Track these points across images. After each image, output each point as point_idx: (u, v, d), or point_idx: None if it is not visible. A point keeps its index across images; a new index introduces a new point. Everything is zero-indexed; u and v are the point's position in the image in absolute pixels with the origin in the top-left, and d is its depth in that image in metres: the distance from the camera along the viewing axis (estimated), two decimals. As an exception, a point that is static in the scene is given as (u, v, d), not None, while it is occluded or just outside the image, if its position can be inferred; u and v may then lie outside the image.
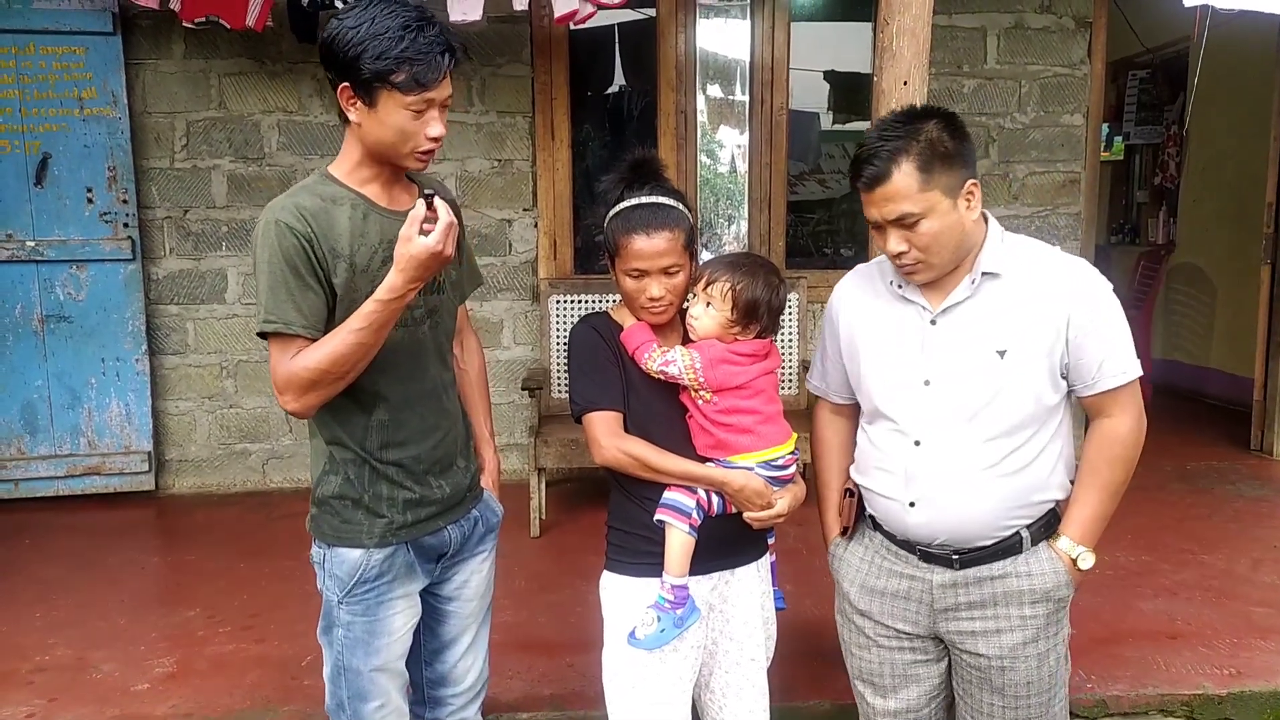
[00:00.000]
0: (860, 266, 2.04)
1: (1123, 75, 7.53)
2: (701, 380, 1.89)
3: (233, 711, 2.69)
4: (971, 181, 1.74)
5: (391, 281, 1.69)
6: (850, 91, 6.32)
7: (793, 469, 2.00)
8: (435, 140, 1.78)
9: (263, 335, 1.76)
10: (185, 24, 4.03)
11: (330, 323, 1.76)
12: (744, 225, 5.65)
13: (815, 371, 2.12)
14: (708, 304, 1.93)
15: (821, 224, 7.61)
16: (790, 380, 4.64)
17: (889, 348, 1.87)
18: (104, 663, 2.98)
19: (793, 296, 4.62)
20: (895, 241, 1.75)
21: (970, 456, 1.80)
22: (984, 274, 1.79)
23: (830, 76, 6.46)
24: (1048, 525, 1.86)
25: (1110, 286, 1.81)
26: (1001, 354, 1.76)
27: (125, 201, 4.53)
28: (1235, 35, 5.01)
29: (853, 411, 2.04)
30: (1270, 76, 5.27)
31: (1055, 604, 1.85)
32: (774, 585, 2.13)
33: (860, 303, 1.96)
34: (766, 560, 2.10)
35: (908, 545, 1.91)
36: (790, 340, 4.65)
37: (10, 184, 4.42)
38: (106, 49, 4.42)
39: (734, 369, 1.90)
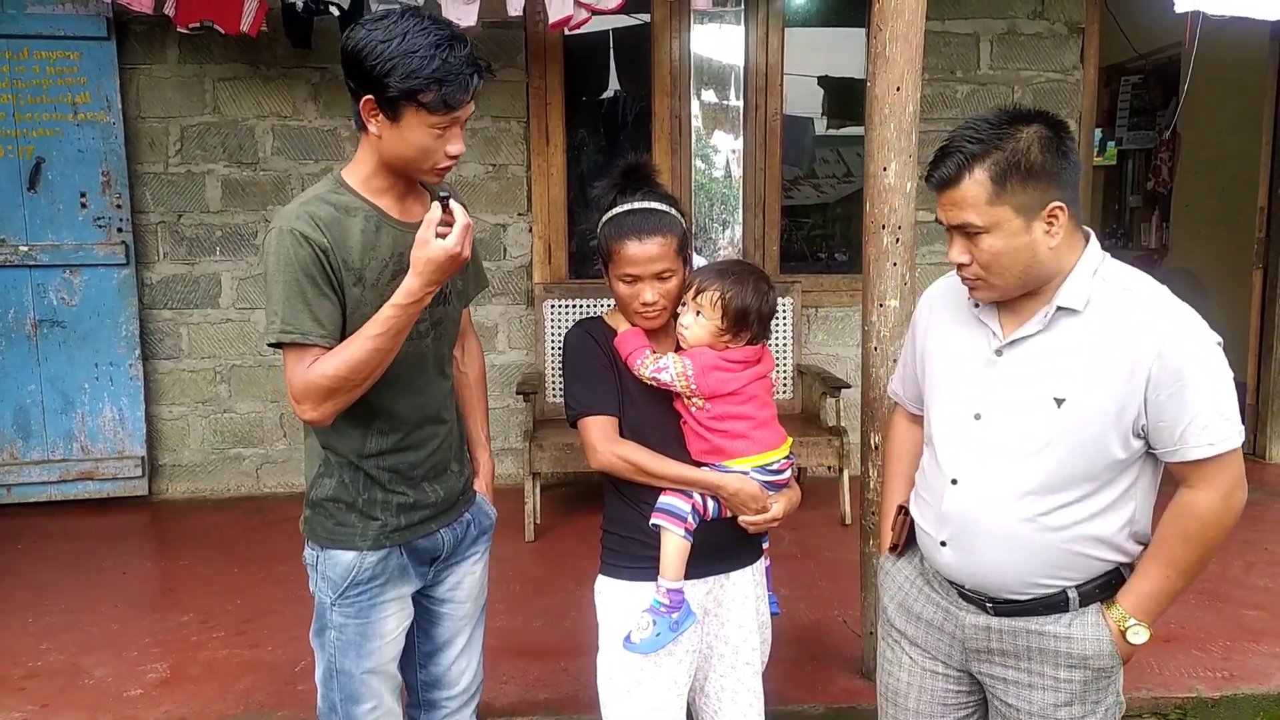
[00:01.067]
0: (952, 274, 1.81)
1: (1115, 80, 7.57)
2: (693, 387, 1.89)
3: (226, 717, 2.68)
4: (1057, 205, 1.54)
5: (409, 285, 1.69)
6: (844, 97, 6.34)
7: (788, 474, 2.00)
8: (454, 158, 1.77)
9: (276, 345, 1.74)
10: (180, 29, 4.03)
11: (343, 334, 1.76)
12: (738, 230, 5.66)
13: (896, 377, 2.02)
14: (697, 313, 1.93)
15: (816, 228, 7.62)
16: (784, 385, 4.64)
17: (952, 372, 1.73)
18: (97, 668, 2.97)
19: (787, 301, 4.62)
20: (958, 251, 1.61)
21: (1008, 505, 1.62)
22: (1060, 309, 1.59)
23: (824, 82, 6.47)
24: (1105, 587, 1.66)
25: (1213, 339, 1.56)
26: (1059, 402, 1.57)
27: (119, 206, 4.52)
28: (1227, 40, 5.03)
29: None
30: (1262, 80, 5.30)
31: (1095, 673, 1.66)
32: (768, 590, 2.13)
33: (940, 316, 1.81)
34: (762, 564, 2.09)
35: (948, 580, 1.78)
36: (784, 345, 4.66)
37: (3, 188, 4.41)
38: (101, 54, 4.42)
39: (726, 375, 1.90)
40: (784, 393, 4.63)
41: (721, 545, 1.97)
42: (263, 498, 4.79)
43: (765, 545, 2.11)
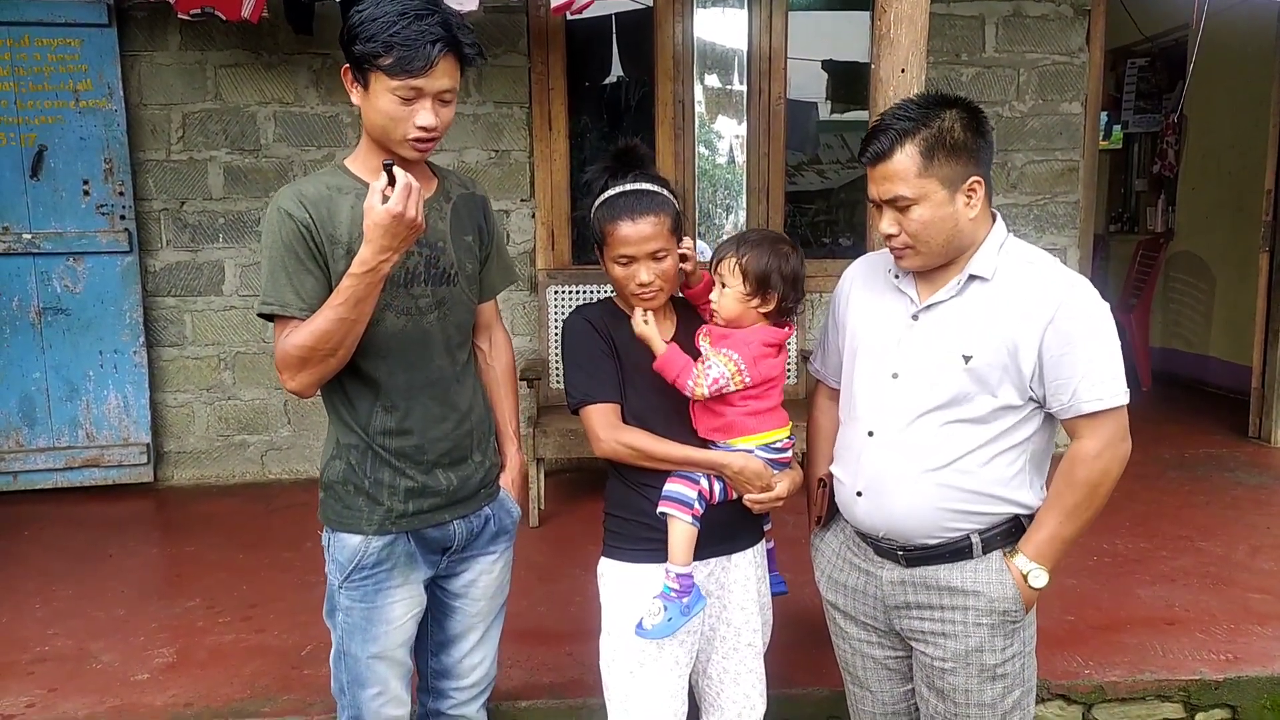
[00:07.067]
0: (871, 254, 2.04)
1: (1121, 63, 7.52)
2: (748, 380, 1.89)
3: (232, 701, 2.69)
4: (975, 179, 1.71)
5: (362, 254, 1.70)
6: (848, 81, 6.29)
7: (790, 453, 2.01)
8: (424, 130, 1.77)
9: (265, 317, 1.82)
10: (181, 16, 4.00)
11: None
12: (742, 215, 5.64)
13: (817, 354, 2.12)
14: (723, 285, 1.93)
15: (820, 214, 7.60)
16: (789, 370, 4.62)
17: (873, 337, 1.87)
18: (104, 653, 2.99)
19: (791, 286, 4.60)
20: (888, 223, 1.75)
21: (916, 453, 1.77)
22: (971, 276, 1.76)
23: (828, 66, 6.43)
24: (1006, 535, 1.80)
25: (1104, 307, 1.73)
26: (967, 359, 1.73)
27: (122, 194, 4.52)
28: (1234, 23, 5.00)
29: None
30: (1269, 64, 5.26)
31: (1000, 616, 1.79)
32: (773, 570, 2.14)
33: (861, 290, 1.97)
34: (763, 546, 2.10)
35: (864, 537, 1.90)
36: (788, 330, 4.64)
37: (6, 176, 4.41)
38: (102, 41, 4.41)
39: (772, 361, 1.93)
40: (788, 377, 4.61)
41: (723, 527, 1.98)
42: (268, 484, 4.80)
43: (768, 528, 2.11)
